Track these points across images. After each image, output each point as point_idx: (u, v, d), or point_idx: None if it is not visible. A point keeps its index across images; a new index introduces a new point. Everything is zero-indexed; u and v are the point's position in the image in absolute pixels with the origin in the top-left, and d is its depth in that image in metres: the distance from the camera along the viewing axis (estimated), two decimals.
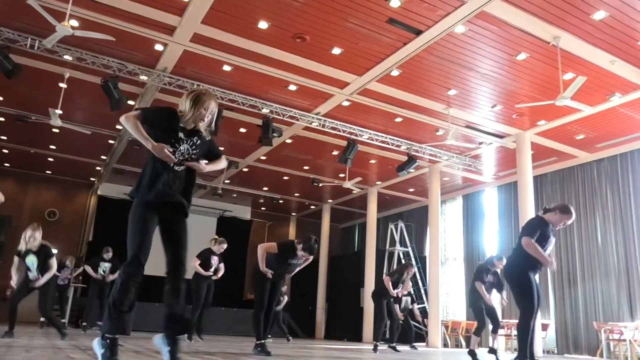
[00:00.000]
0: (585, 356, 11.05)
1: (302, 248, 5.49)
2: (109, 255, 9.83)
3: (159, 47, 8.53)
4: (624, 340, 9.96)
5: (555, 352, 11.89)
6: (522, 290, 4.55)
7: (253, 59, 8.78)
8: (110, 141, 13.00)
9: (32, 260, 6.37)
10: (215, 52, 8.58)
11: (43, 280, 6.41)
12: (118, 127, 11.83)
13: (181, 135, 3.14)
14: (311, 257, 5.72)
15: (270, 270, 5.51)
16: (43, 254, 6.43)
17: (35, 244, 6.33)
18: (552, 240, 4.67)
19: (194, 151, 3.19)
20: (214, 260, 8.22)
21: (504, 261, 6.89)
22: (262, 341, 5.40)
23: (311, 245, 5.47)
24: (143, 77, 9.18)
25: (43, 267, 6.42)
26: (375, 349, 8.09)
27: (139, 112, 3.09)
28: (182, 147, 3.14)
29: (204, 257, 8.14)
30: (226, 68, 9.14)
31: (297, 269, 5.93)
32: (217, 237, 8.60)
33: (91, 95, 10.17)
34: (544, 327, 11.43)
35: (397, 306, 9.17)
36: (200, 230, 14.60)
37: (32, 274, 6.40)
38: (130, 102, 10.29)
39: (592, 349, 11.02)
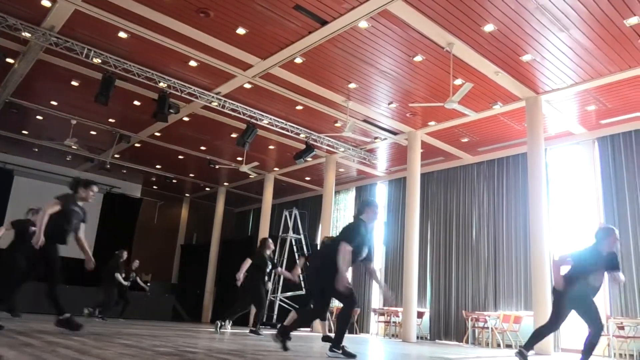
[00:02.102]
0: (454, 342, 12.00)
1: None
2: None
3: (46, 2, 7.79)
4: (487, 327, 10.96)
5: (427, 338, 12.77)
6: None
7: (152, 28, 8.33)
8: None
9: None
10: (110, 16, 8.02)
11: None
12: None
13: None
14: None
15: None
16: None
17: None
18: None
19: None
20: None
21: None
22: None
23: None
24: (26, 34, 8.34)
25: None
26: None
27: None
28: None
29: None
30: (122, 35, 8.59)
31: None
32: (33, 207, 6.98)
33: None
34: (420, 314, 12.22)
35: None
36: (84, 206, 13.68)
37: None
38: (9, 60, 9.32)
39: (460, 336, 12.00)
